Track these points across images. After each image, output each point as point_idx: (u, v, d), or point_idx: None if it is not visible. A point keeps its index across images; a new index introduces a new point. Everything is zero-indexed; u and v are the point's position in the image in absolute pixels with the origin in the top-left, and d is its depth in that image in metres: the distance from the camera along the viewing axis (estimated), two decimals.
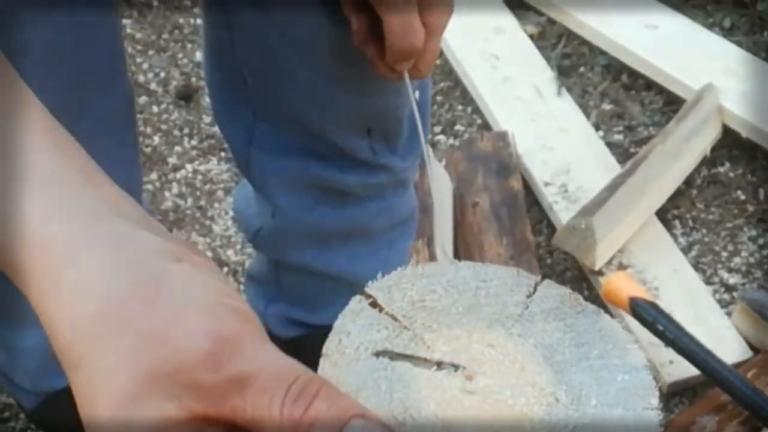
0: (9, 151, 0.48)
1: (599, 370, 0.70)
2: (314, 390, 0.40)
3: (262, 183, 1.26)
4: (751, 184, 2.12)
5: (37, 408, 1.36)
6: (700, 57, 2.24)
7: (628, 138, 2.21)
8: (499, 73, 2.27)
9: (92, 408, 0.43)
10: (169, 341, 0.41)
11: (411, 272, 0.69)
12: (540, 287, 0.70)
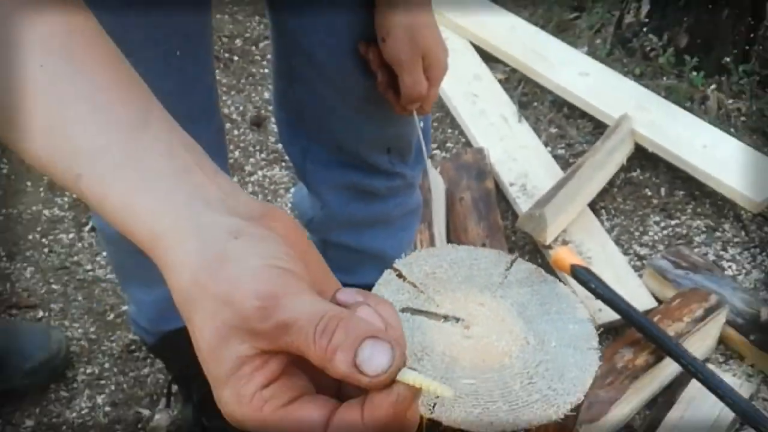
0: (141, 154, 0.47)
1: (557, 322, 0.70)
2: (334, 325, 0.40)
3: (314, 186, 1.24)
4: (655, 185, 2.09)
5: (155, 343, 1.35)
6: (619, 95, 2.20)
7: (568, 152, 2.19)
8: (477, 107, 2.24)
9: (197, 350, 0.44)
10: (232, 302, 0.41)
11: (425, 253, 0.68)
12: (515, 264, 0.69)
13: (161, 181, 0.47)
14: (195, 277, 0.43)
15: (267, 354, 0.42)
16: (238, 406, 0.42)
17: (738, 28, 2.27)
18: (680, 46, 2.31)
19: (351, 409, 0.41)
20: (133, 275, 1.26)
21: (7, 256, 1.85)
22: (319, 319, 0.40)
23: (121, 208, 0.46)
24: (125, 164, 0.47)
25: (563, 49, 2.38)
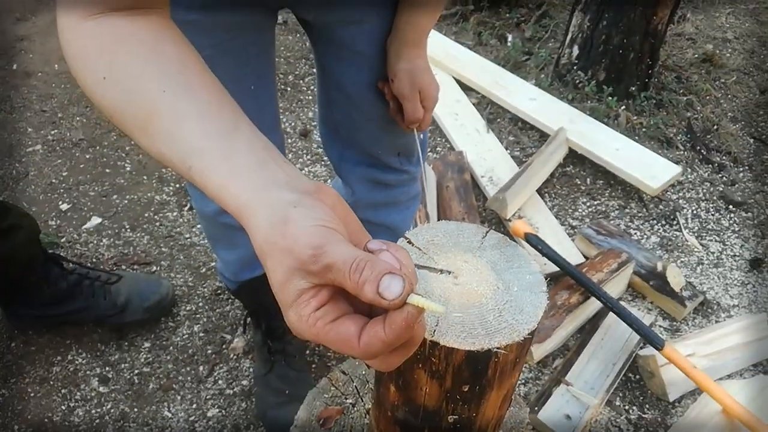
0: (233, 152, 0.49)
1: (518, 273, 0.67)
2: (363, 265, 0.40)
3: (346, 179, 1.21)
4: (582, 177, 2.02)
5: (235, 289, 1.32)
6: (557, 114, 2.12)
7: (522, 154, 2.11)
8: (458, 122, 2.17)
9: (272, 286, 0.44)
10: (292, 251, 0.41)
11: (427, 226, 0.66)
12: (488, 234, 0.67)
13: (246, 170, 0.47)
14: (266, 236, 0.43)
15: (318, 286, 0.42)
16: (299, 323, 0.43)
17: (640, 67, 2.17)
18: (600, 79, 2.21)
19: (376, 324, 0.41)
20: (220, 241, 1.24)
21: (131, 228, 1.82)
22: (352, 260, 0.40)
23: (219, 189, 0.47)
24: (222, 159, 0.48)
25: (518, 81, 2.29)
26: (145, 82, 0.52)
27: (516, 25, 2.69)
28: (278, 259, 0.43)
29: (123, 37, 0.54)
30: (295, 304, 0.43)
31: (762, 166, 2.11)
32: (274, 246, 0.43)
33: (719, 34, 2.81)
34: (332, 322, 0.42)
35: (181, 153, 0.50)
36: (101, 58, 0.54)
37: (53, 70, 2.39)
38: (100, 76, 0.53)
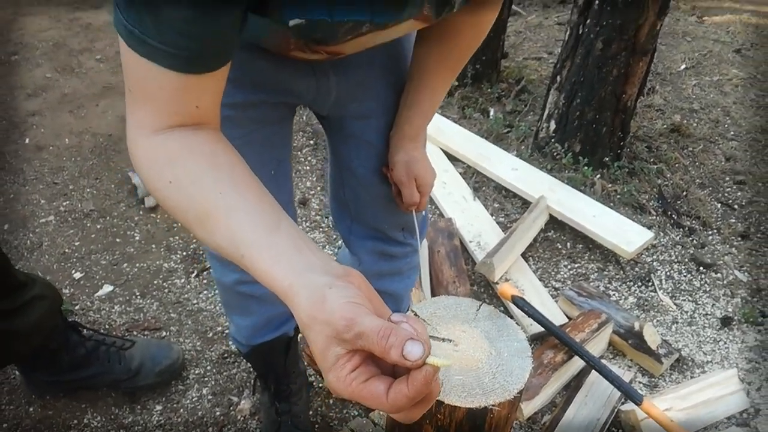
0: (276, 245, 0.57)
1: (507, 341, 0.78)
2: (388, 333, 0.47)
3: (354, 250, 1.27)
4: (563, 241, 2.14)
5: (247, 352, 1.37)
6: (537, 183, 2.26)
7: (506, 220, 2.23)
8: (446, 191, 2.29)
9: (314, 355, 0.52)
10: (330, 323, 0.49)
11: (430, 301, 0.77)
12: (482, 307, 0.77)
13: (287, 257, 0.56)
14: (308, 312, 0.51)
15: (352, 352, 0.50)
16: (337, 383, 0.50)
17: (612, 139, 2.33)
18: (576, 151, 2.36)
19: (401, 383, 0.49)
20: (235, 308, 1.29)
21: (141, 295, 1.91)
22: (379, 329, 0.48)
23: (266, 273, 0.56)
24: (268, 248, 0.57)
25: (500, 152, 2.43)
26: (204, 187, 0.61)
27: (497, 99, 2.88)
28: (318, 330, 0.51)
29: (186, 149, 0.64)
30: (333, 368, 0.50)
31: (729, 229, 2.26)
32: (314, 320, 0.51)
33: (686, 105, 3.02)
34: (364, 382, 0.49)
35: (234, 244, 0.58)
36: (168, 167, 0.63)
37: (64, 144, 2.52)
38: (167, 181, 0.63)
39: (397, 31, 0.80)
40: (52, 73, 2.95)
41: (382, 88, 1.07)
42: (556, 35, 3.71)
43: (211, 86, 0.64)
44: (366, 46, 0.85)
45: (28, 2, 3.61)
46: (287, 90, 1.01)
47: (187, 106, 0.63)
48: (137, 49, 0.59)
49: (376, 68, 1.05)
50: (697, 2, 4.35)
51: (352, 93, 1.05)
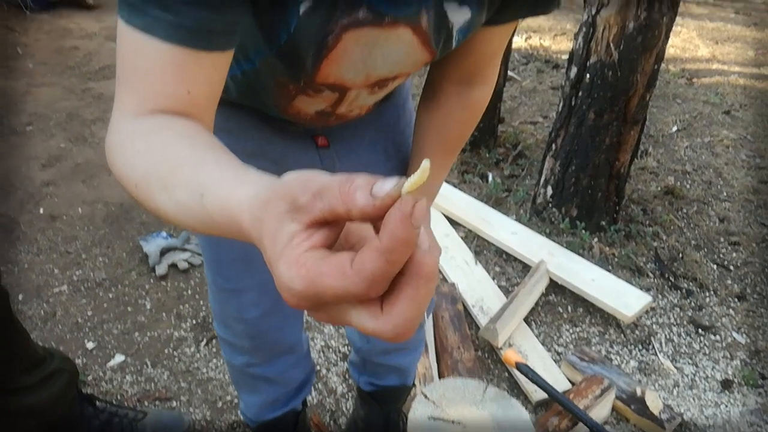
0: (245, 173, 0.47)
1: (513, 421, 0.84)
2: (355, 177, 0.36)
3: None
4: (564, 305, 2.18)
5: (255, 427, 1.38)
6: (537, 247, 2.32)
7: (508, 284, 2.28)
8: (448, 255, 2.34)
9: (265, 256, 0.39)
10: (280, 192, 0.38)
11: (439, 383, 0.82)
12: (488, 388, 0.83)
13: (255, 178, 0.46)
14: (261, 197, 0.40)
15: (311, 229, 0.36)
16: (288, 271, 0.36)
17: (608, 204, 2.41)
18: (573, 215, 2.44)
19: (371, 243, 0.34)
20: (244, 387, 1.32)
21: (152, 364, 1.94)
22: (342, 177, 0.36)
23: (225, 200, 0.45)
24: (234, 180, 0.46)
25: (500, 216, 2.51)
26: (176, 149, 0.54)
27: (495, 164, 2.98)
28: (268, 216, 0.38)
29: (165, 124, 0.57)
30: (285, 249, 0.36)
31: (726, 290, 2.32)
32: (267, 203, 0.39)
33: (679, 167, 3.13)
34: (323, 259, 0.35)
35: (196, 190, 0.49)
36: (140, 137, 0.57)
37: (77, 214, 2.60)
38: (136, 150, 0.56)
39: (396, 46, 0.75)
40: (66, 143, 3.06)
41: (387, 171, 1.12)
42: (550, 99, 3.85)
43: (207, 72, 0.60)
44: (370, 78, 0.82)
45: (41, 73, 3.76)
46: None
47: (178, 87, 0.59)
48: (136, 22, 0.56)
49: (379, 152, 1.12)
50: (686, 65, 4.53)
51: None
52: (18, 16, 4.41)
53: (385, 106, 1.08)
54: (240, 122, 0.98)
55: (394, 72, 0.82)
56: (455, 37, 0.76)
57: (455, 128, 0.99)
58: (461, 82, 0.92)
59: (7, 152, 2.96)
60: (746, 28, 5.31)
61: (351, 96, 0.87)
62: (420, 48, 0.76)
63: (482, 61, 0.89)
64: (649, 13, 2.00)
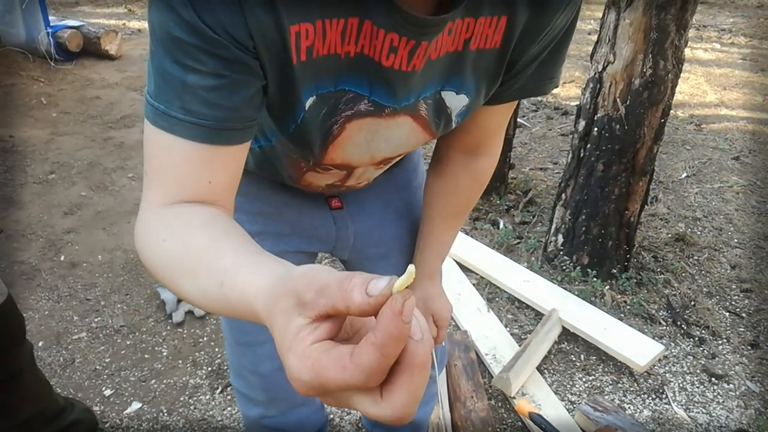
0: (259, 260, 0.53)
1: None
2: (353, 275, 0.40)
3: None
4: (577, 353, 2.19)
5: None
6: (549, 295, 2.34)
7: (520, 331, 2.29)
8: (461, 302, 2.37)
9: (277, 345, 0.43)
10: (288, 288, 0.43)
11: None
12: None
13: (268, 269, 0.50)
14: (268, 294, 0.46)
15: (316, 323, 0.41)
16: (297, 363, 0.40)
17: (619, 252, 2.44)
18: (584, 263, 2.47)
19: (367, 337, 0.38)
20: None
21: (167, 412, 1.97)
22: (343, 275, 0.40)
23: (242, 288, 0.50)
24: (248, 267, 0.52)
25: (512, 264, 2.54)
26: (197, 238, 0.59)
27: (506, 210, 3.03)
28: (281, 306, 0.43)
29: (187, 212, 0.63)
30: (294, 344, 0.41)
31: (738, 338, 2.33)
32: (277, 297, 0.44)
33: (689, 213, 3.16)
34: (327, 352, 0.39)
35: (217, 277, 0.53)
36: (164, 226, 0.62)
37: (97, 261, 2.67)
38: (161, 238, 0.61)
39: (397, 131, 0.81)
40: (87, 191, 3.16)
41: (398, 230, 1.18)
42: (560, 145, 3.92)
43: (227, 163, 0.66)
44: (375, 158, 0.88)
45: (64, 122, 3.90)
46: (310, 238, 1.12)
47: (201, 179, 0.64)
48: (161, 124, 0.62)
49: (391, 212, 1.17)
50: (695, 110, 4.60)
51: (370, 237, 1.16)
52: (43, 67, 4.58)
53: (398, 169, 1.14)
54: (258, 186, 1.05)
55: (397, 152, 0.89)
56: (455, 120, 0.83)
57: (462, 195, 1.05)
58: (467, 152, 0.98)
59: (30, 200, 3.05)
60: (753, 74, 5.40)
61: (358, 172, 0.94)
62: (420, 131, 0.82)
63: (486, 135, 0.95)
64: (655, 69, 2.07)
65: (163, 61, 0.60)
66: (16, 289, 2.44)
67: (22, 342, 1.39)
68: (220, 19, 0.58)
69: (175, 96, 0.61)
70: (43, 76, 4.47)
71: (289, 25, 0.62)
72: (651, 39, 2.06)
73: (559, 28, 0.76)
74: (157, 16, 0.59)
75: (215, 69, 0.60)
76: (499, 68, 0.77)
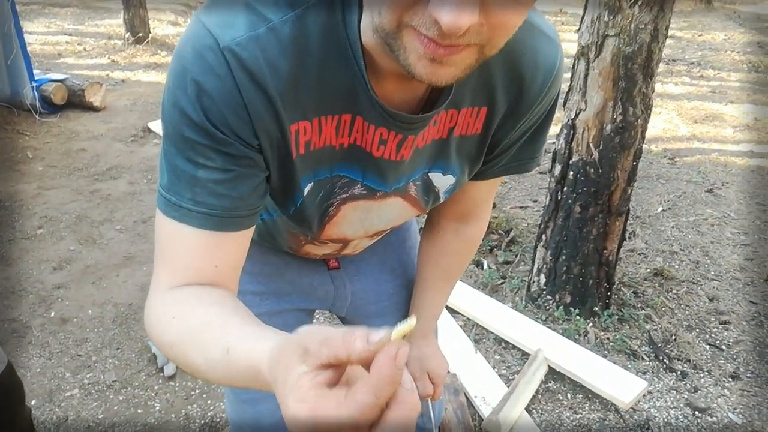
0: (264, 330, 0.58)
1: None
2: (357, 330, 0.44)
3: None
4: (563, 392, 2.24)
5: None
6: (534, 333, 2.39)
7: (508, 372, 2.33)
8: (449, 345, 2.39)
9: (278, 394, 0.47)
10: (294, 341, 0.47)
11: None
12: None
13: (273, 336, 0.55)
14: (279, 346, 0.50)
15: (317, 371, 0.44)
16: (296, 405, 0.43)
17: (599, 289, 2.51)
18: (567, 302, 2.52)
19: (362, 379, 0.43)
20: None
21: None
22: (346, 330, 0.45)
23: (248, 353, 0.55)
24: (254, 335, 0.58)
25: (497, 304, 2.59)
26: (204, 315, 0.64)
27: (490, 251, 3.11)
28: (282, 363, 0.47)
29: (194, 293, 0.68)
30: (294, 388, 0.44)
31: (719, 371, 2.40)
32: (282, 352, 0.48)
33: (666, 247, 3.26)
34: (324, 396, 0.43)
35: (223, 346, 0.58)
36: (173, 306, 0.67)
37: (87, 315, 2.69)
38: (170, 316, 0.66)
39: (389, 209, 0.88)
40: (76, 245, 3.19)
41: (394, 288, 1.24)
42: (538, 183, 4.03)
43: (232, 248, 0.71)
44: (368, 232, 0.94)
45: (51, 176, 3.94)
46: (309, 297, 1.18)
47: (208, 263, 0.69)
48: (173, 215, 0.67)
49: (387, 271, 1.24)
50: (668, 144, 4.75)
51: (366, 295, 1.22)
52: (28, 120, 4.64)
53: (392, 231, 1.21)
54: (260, 250, 1.11)
55: (389, 226, 0.96)
56: (442, 197, 0.90)
57: (453, 259, 1.12)
58: (457, 220, 1.06)
59: (19, 256, 3.08)
60: (723, 105, 5.60)
61: (353, 243, 1.01)
62: (410, 208, 0.90)
63: (475, 204, 1.03)
64: (625, 116, 2.18)
65: (175, 158, 0.67)
66: (8, 348, 2.45)
67: (21, 407, 1.42)
68: (228, 121, 0.65)
69: (187, 189, 0.67)
70: (28, 130, 4.52)
71: (290, 125, 0.69)
72: (620, 87, 2.18)
73: (538, 115, 0.84)
74: (170, 118, 0.66)
75: (223, 164, 0.67)
76: (481, 151, 0.85)
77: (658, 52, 2.16)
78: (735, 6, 9.73)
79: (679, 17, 8.86)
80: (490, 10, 0.53)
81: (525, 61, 0.76)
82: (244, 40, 0.63)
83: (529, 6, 0.56)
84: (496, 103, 0.79)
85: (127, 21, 6.46)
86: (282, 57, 0.64)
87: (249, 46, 0.63)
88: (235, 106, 0.64)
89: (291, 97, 0.67)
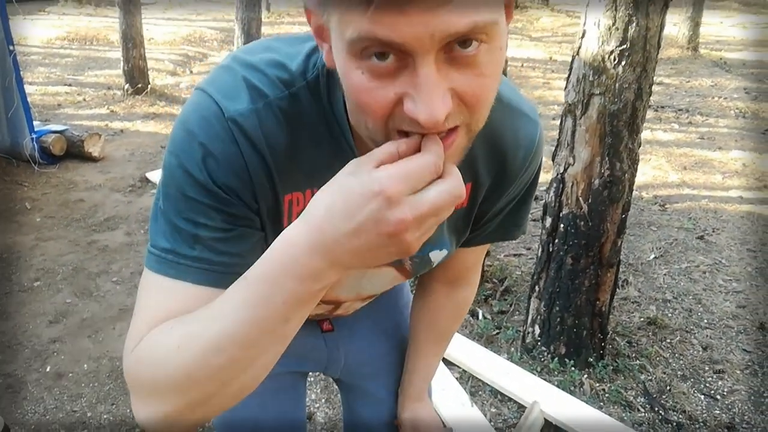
0: None
1: None
2: None
3: None
4: None
5: None
6: (530, 385, 2.41)
7: (505, 425, 2.32)
8: (445, 398, 2.38)
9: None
10: None
11: None
12: None
13: None
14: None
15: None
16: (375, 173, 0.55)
17: (593, 340, 2.53)
18: (561, 353, 2.53)
19: None
20: None
21: None
22: None
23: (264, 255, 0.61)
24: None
25: (492, 356, 2.60)
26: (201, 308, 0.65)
27: (484, 300, 3.14)
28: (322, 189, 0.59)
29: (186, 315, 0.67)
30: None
31: (714, 421, 2.41)
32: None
33: (659, 295, 3.29)
34: None
35: (238, 281, 0.63)
36: (170, 333, 0.64)
37: (82, 370, 2.69)
38: (174, 345, 0.63)
39: (381, 277, 0.92)
40: (72, 298, 3.21)
41: (388, 350, 1.27)
42: (531, 231, 4.06)
43: None
44: (360, 295, 0.99)
45: (48, 227, 3.98)
46: (302, 360, 1.21)
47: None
48: (168, 272, 0.68)
49: (380, 332, 1.27)
50: (658, 191, 4.83)
51: (360, 357, 1.25)
52: (27, 171, 4.70)
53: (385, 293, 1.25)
54: None
55: (381, 290, 1.02)
56: (434, 266, 0.95)
57: (445, 322, 1.16)
58: (448, 284, 1.11)
59: (15, 309, 3.09)
60: (711, 152, 5.70)
61: (345, 305, 1.05)
62: (402, 277, 0.96)
63: (465, 268, 1.08)
64: (612, 170, 2.25)
65: (175, 218, 0.69)
66: (2, 404, 2.45)
67: None
68: (231, 183, 0.69)
69: (187, 248, 0.68)
70: (26, 181, 4.57)
71: (284, 195, 0.75)
72: (606, 143, 2.25)
73: (521, 186, 0.90)
74: (172, 179, 0.69)
75: (224, 224, 0.70)
76: (467, 223, 0.91)
77: (642, 109, 2.24)
78: (721, 53, 9.99)
79: (667, 64, 9.08)
80: (462, 90, 0.55)
81: (506, 140, 0.83)
82: (246, 111, 0.68)
83: (497, 71, 0.57)
84: (480, 177, 0.85)
85: (126, 72, 6.58)
86: (279, 130, 0.70)
87: (251, 118, 0.68)
88: (238, 169, 0.69)
89: (286, 167, 0.72)
